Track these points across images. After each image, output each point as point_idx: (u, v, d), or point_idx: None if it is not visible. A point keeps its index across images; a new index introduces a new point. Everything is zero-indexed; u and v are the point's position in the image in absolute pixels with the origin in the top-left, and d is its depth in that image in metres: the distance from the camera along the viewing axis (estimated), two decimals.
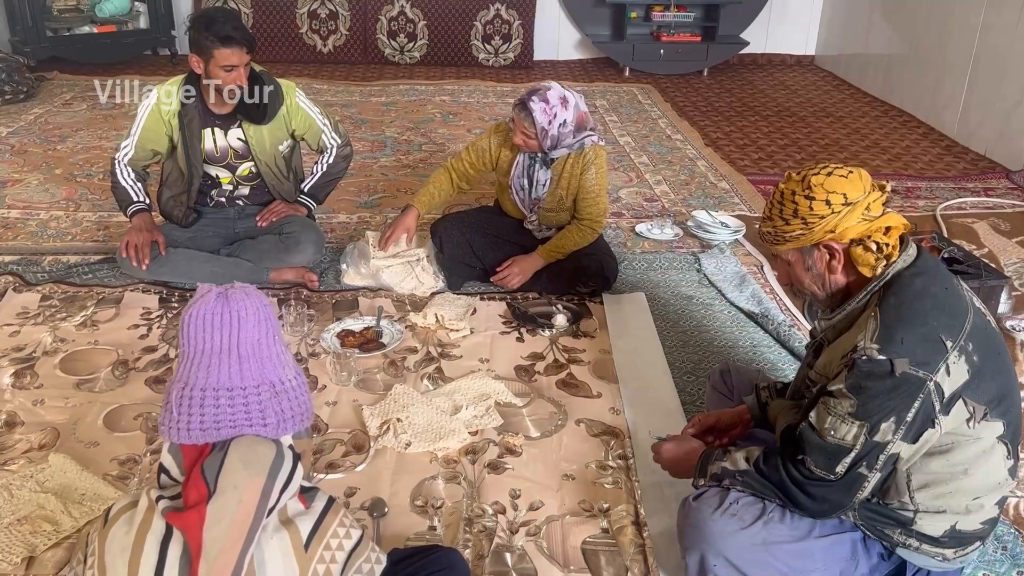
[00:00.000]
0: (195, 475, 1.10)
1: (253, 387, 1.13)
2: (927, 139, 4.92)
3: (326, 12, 6.23)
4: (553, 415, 2.25)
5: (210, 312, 1.14)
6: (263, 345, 1.16)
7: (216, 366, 1.13)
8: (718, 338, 2.65)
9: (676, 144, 4.69)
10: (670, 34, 6.27)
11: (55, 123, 4.72)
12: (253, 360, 1.14)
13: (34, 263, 3.02)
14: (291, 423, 1.17)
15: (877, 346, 1.39)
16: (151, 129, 2.76)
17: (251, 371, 1.14)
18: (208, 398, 1.11)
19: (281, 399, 1.16)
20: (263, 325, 1.17)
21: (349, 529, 1.19)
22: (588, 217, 2.81)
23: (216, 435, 1.12)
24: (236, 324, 1.14)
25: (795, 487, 1.49)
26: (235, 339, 1.14)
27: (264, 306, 1.19)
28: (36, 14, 5.51)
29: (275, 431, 1.15)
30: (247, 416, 1.13)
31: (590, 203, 2.80)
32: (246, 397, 1.12)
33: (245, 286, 1.20)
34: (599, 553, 1.78)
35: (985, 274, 2.74)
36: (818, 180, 1.48)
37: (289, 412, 1.17)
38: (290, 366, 1.21)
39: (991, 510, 1.50)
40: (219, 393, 1.12)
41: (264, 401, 1.14)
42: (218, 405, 1.12)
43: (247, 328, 1.15)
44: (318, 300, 2.81)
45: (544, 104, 2.62)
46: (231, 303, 1.15)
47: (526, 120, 2.64)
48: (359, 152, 4.15)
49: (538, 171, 2.79)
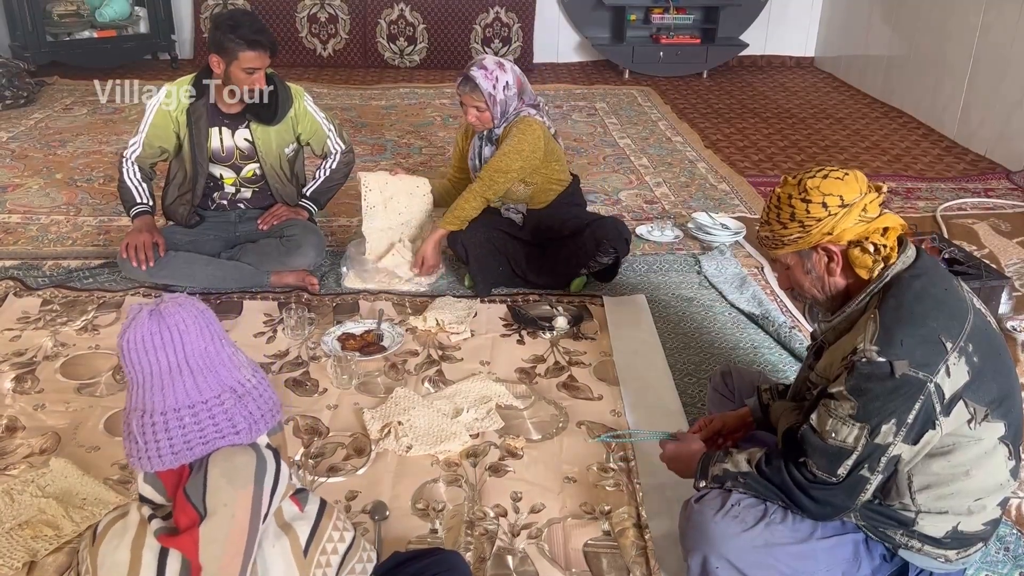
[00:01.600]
0: (181, 500, 1.07)
1: (214, 398, 1.09)
2: (927, 140, 4.92)
3: (326, 16, 6.24)
4: (554, 417, 2.24)
5: (147, 333, 1.09)
6: (211, 353, 1.11)
7: (170, 387, 1.08)
8: (719, 340, 2.65)
9: (676, 146, 4.69)
10: (670, 36, 6.27)
11: (55, 128, 4.73)
12: (207, 371, 1.10)
13: (35, 268, 3.02)
14: (262, 422, 1.14)
15: (877, 348, 1.39)
16: (159, 126, 2.77)
17: (207, 382, 1.10)
18: (171, 420, 1.07)
19: (246, 401, 1.12)
20: (206, 332, 1.12)
21: (343, 532, 1.18)
22: (490, 168, 2.78)
23: (190, 455, 1.08)
24: (179, 339, 1.09)
25: (797, 490, 1.48)
26: (181, 355, 1.09)
27: (202, 312, 1.14)
28: (36, 19, 5.51)
29: (248, 436, 1.11)
30: (216, 429, 1.09)
31: (495, 157, 2.78)
32: (210, 410, 1.09)
33: (176, 297, 1.15)
34: (601, 555, 1.78)
35: (986, 275, 2.74)
36: (814, 183, 1.49)
37: (258, 412, 1.13)
38: (245, 365, 1.17)
39: (993, 511, 1.50)
40: (181, 413, 1.07)
41: (229, 409, 1.10)
42: (183, 425, 1.07)
43: (191, 340, 1.10)
44: (319, 303, 2.81)
45: (483, 71, 2.72)
46: (166, 319, 1.10)
47: (473, 92, 2.74)
48: (359, 155, 4.15)
49: (484, 148, 2.87)
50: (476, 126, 2.83)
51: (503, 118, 2.80)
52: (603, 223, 2.82)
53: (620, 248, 2.79)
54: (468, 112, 2.79)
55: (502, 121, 2.81)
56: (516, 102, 2.81)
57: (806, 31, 6.72)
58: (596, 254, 2.78)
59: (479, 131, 2.87)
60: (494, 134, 2.85)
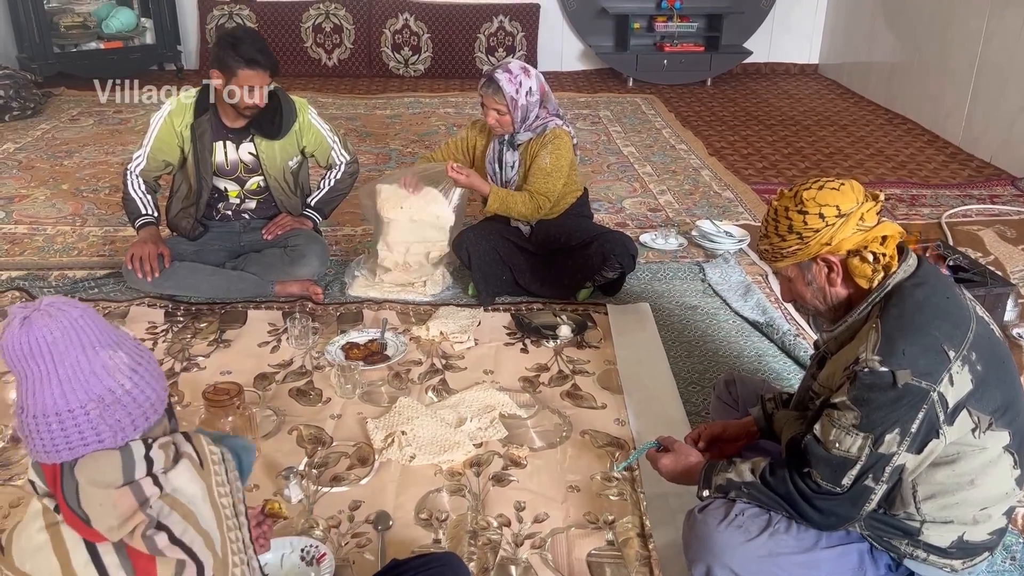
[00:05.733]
0: (63, 504, 1.09)
1: (80, 407, 1.09)
2: (931, 147, 4.91)
3: (331, 26, 6.27)
4: (558, 426, 2.24)
5: (16, 342, 1.08)
6: (81, 363, 1.10)
7: (40, 392, 1.09)
8: (723, 348, 2.65)
9: (680, 154, 4.69)
10: (673, 44, 6.28)
11: (62, 139, 4.76)
12: (74, 381, 1.10)
13: (41, 278, 3.04)
14: (130, 428, 1.12)
15: (879, 358, 1.38)
16: (163, 140, 2.78)
17: (74, 392, 1.09)
18: (41, 425, 1.09)
19: (114, 410, 1.11)
20: (76, 341, 1.10)
21: (214, 447, 1.20)
22: (536, 190, 2.83)
23: (58, 457, 1.10)
24: (46, 350, 1.09)
25: (802, 500, 1.48)
26: (51, 364, 1.09)
27: (75, 320, 1.11)
28: (43, 31, 5.55)
29: (112, 443, 1.11)
30: (81, 437, 1.09)
31: (540, 179, 2.83)
32: (75, 419, 1.09)
33: (53, 302, 1.12)
34: (604, 565, 1.77)
35: (991, 282, 2.73)
36: (810, 194, 1.49)
37: (127, 419, 1.12)
38: (121, 370, 1.14)
39: (999, 520, 1.49)
40: (49, 419, 1.09)
41: (94, 419, 1.10)
42: (51, 430, 1.09)
43: (59, 351, 1.09)
44: (323, 313, 2.82)
45: (508, 75, 2.73)
46: (34, 330, 1.09)
47: (495, 94, 2.74)
48: (364, 164, 4.15)
49: (506, 153, 2.87)
50: (496, 129, 2.83)
51: (523, 124, 2.81)
52: (610, 237, 2.83)
53: (626, 264, 2.81)
54: (489, 114, 2.80)
55: (522, 127, 2.81)
56: (538, 109, 2.82)
57: (810, 38, 6.72)
58: (602, 269, 2.79)
59: (498, 135, 2.88)
60: (516, 140, 2.85)
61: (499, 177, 2.93)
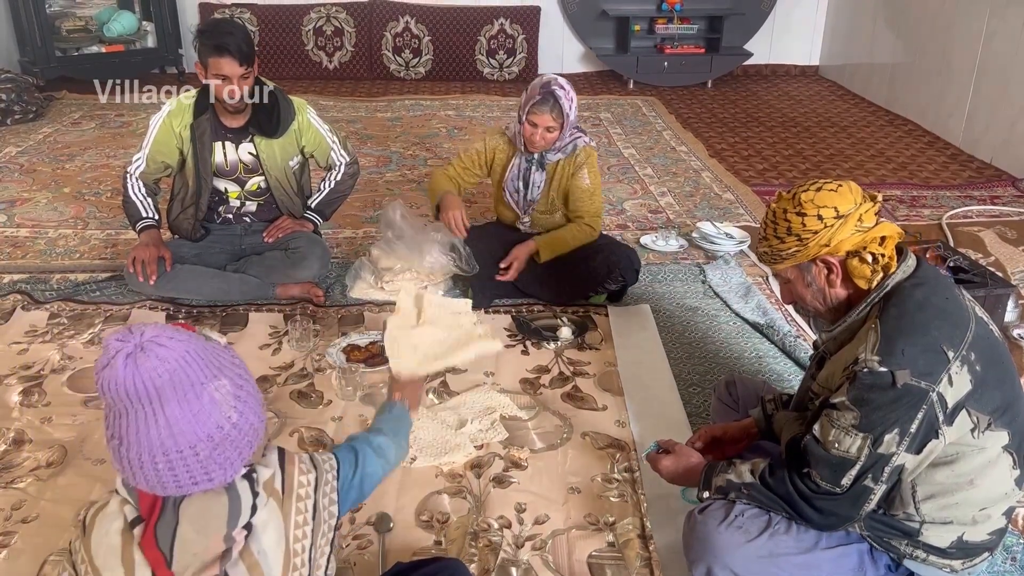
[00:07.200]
0: (150, 537, 1.05)
1: (189, 448, 1.04)
2: (932, 148, 4.91)
3: (332, 29, 6.28)
4: (559, 428, 2.24)
5: (121, 383, 1.01)
6: (191, 402, 1.03)
7: (145, 432, 1.03)
8: (723, 349, 2.65)
9: (680, 156, 4.69)
10: (674, 46, 6.29)
11: (64, 142, 4.77)
12: (183, 422, 1.03)
13: (42, 281, 3.04)
14: (238, 462, 1.08)
15: (878, 358, 1.39)
16: (162, 142, 2.78)
17: (183, 433, 1.03)
18: (146, 463, 1.03)
19: (223, 447, 1.06)
20: (185, 382, 1.03)
21: (308, 475, 1.18)
22: (586, 214, 2.83)
23: (163, 492, 1.05)
24: (153, 394, 1.02)
25: (802, 500, 1.48)
26: (158, 407, 1.02)
27: (181, 358, 1.04)
28: (45, 35, 5.56)
29: (222, 480, 1.07)
30: (190, 476, 1.04)
31: (585, 201, 2.82)
32: (184, 460, 1.04)
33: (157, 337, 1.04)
34: (605, 567, 1.77)
35: (991, 283, 2.73)
36: (808, 196, 1.50)
37: (235, 454, 1.08)
38: (227, 401, 1.07)
39: (998, 520, 1.49)
40: (156, 459, 1.03)
41: (204, 459, 1.05)
42: (157, 469, 1.03)
43: (167, 395, 1.02)
44: (324, 315, 2.82)
45: (563, 90, 2.66)
46: (141, 372, 1.01)
47: (552, 110, 2.64)
48: (365, 167, 4.17)
49: (534, 174, 2.83)
50: (538, 146, 2.73)
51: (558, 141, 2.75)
52: (617, 250, 2.85)
53: (629, 278, 2.84)
54: (536, 131, 2.68)
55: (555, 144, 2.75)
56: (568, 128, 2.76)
57: (810, 40, 6.73)
58: (606, 280, 2.81)
59: (532, 152, 2.78)
60: (546, 160, 2.78)
61: (521, 196, 2.87)
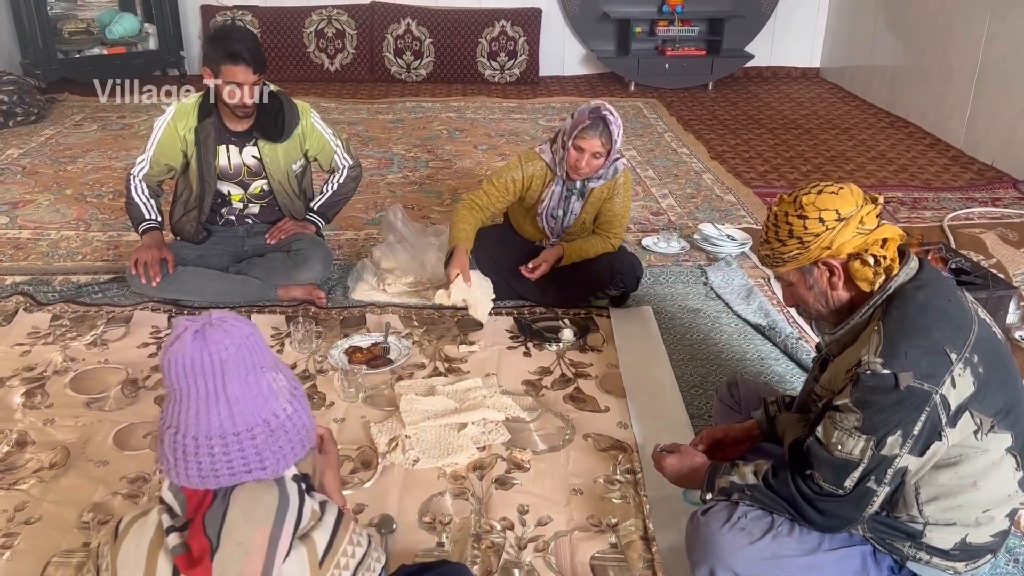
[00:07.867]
0: (197, 528, 1.06)
1: (246, 431, 1.06)
2: (933, 150, 4.91)
3: (333, 31, 6.29)
4: (561, 429, 2.24)
5: (188, 357, 1.05)
6: (251, 383, 1.07)
7: (205, 412, 1.05)
8: (725, 351, 2.65)
9: (682, 158, 4.70)
10: (675, 48, 6.30)
11: (66, 144, 4.77)
12: (243, 402, 1.06)
13: (45, 283, 3.05)
14: (291, 455, 1.11)
15: (881, 360, 1.39)
16: (166, 145, 2.78)
17: (242, 414, 1.06)
18: (202, 447, 1.05)
19: (278, 436, 1.09)
20: (248, 361, 1.07)
21: (356, 547, 1.18)
22: (612, 234, 2.86)
23: (215, 483, 1.07)
24: (220, 369, 1.05)
25: (805, 502, 1.48)
26: (220, 384, 1.05)
27: (247, 338, 1.09)
28: (47, 37, 5.57)
29: (275, 471, 1.09)
30: (244, 462, 1.06)
31: (616, 224, 2.85)
32: (241, 443, 1.06)
33: (224, 317, 1.09)
34: (608, 568, 1.77)
35: (993, 284, 2.73)
36: (809, 199, 1.50)
37: (288, 446, 1.10)
38: (283, 393, 1.12)
39: (1001, 522, 1.49)
40: (212, 441, 1.05)
41: (260, 444, 1.07)
42: (212, 454, 1.05)
43: (232, 370, 1.06)
44: (326, 317, 2.83)
45: (612, 116, 2.60)
46: (210, 345, 1.05)
47: (602, 135, 2.58)
48: (366, 169, 4.17)
49: (574, 202, 2.79)
50: (582, 172, 2.65)
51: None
52: (621, 256, 2.86)
53: (630, 284, 2.86)
54: (583, 157, 2.60)
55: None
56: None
57: (811, 42, 6.73)
58: (608, 285, 2.81)
59: (567, 181, 2.72)
60: (586, 186, 2.74)
61: (558, 224, 2.83)
